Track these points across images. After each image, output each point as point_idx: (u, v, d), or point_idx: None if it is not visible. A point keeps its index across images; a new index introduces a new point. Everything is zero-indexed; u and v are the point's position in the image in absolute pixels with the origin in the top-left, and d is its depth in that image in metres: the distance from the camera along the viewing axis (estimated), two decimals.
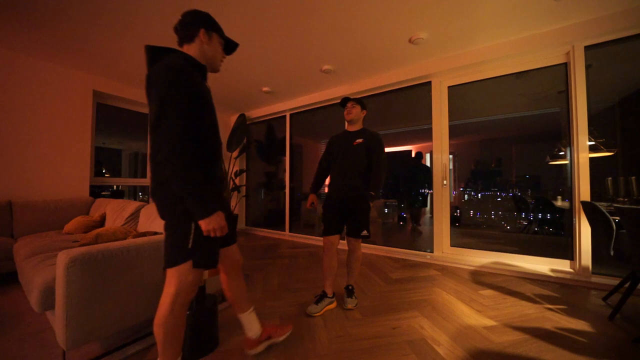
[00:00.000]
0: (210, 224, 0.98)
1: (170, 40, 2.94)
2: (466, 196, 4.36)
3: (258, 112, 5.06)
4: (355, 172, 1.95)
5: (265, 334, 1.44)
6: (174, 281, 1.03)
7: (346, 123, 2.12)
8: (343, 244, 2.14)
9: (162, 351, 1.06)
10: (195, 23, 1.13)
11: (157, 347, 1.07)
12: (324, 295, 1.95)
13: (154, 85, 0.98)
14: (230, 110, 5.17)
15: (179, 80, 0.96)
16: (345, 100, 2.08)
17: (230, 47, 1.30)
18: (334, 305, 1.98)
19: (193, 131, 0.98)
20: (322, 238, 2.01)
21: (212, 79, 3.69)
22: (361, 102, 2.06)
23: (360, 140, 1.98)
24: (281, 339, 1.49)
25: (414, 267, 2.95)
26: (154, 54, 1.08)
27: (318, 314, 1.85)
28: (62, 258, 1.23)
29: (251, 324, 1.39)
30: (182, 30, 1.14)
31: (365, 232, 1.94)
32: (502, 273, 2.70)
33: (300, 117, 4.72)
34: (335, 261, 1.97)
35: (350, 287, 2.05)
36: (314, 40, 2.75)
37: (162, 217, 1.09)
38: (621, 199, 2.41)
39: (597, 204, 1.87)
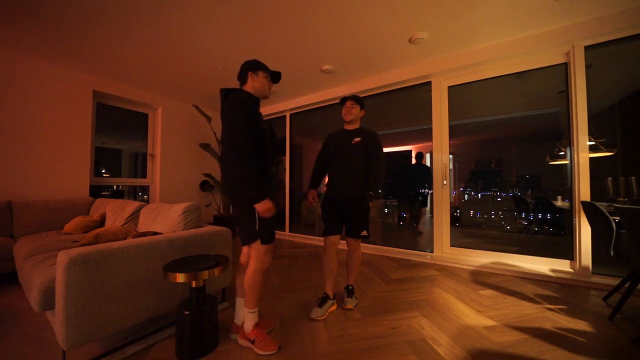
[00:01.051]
0: (261, 207, 1.38)
1: (169, 40, 2.93)
2: (466, 196, 4.37)
3: None
4: (354, 172, 1.93)
5: None
6: (253, 254, 1.48)
7: (344, 122, 2.08)
8: (342, 244, 2.13)
9: (247, 300, 1.49)
10: (245, 70, 1.57)
11: (245, 296, 1.50)
12: (326, 298, 1.92)
13: (227, 113, 1.43)
14: None
15: (242, 110, 1.41)
16: (344, 99, 2.04)
17: (276, 76, 1.68)
18: (335, 306, 1.96)
19: (252, 143, 1.39)
20: (322, 238, 1.99)
21: (212, 79, 3.70)
22: (361, 101, 2.04)
23: (358, 139, 1.95)
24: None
25: (414, 267, 2.94)
26: (226, 92, 1.53)
27: (322, 318, 1.81)
28: (62, 258, 1.23)
29: (241, 311, 1.59)
30: (240, 77, 1.60)
31: (364, 233, 1.93)
32: (502, 273, 2.70)
33: (300, 117, 4.72)
34: (334, 262, 1.95)
35: (350, 287, 2.04)
36: (314, 40, 2.75)
37: (234, 211, 1.55)
38: (621, 199, 2.41)
39: (597, 204, 1.87)
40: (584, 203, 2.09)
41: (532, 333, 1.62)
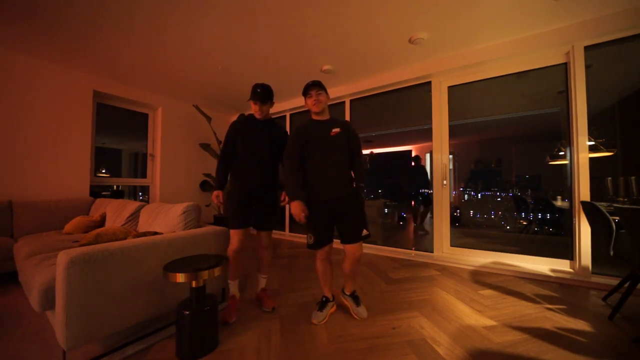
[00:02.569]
0: (213, 196, 1.89)
1: (169, 40, 2.93)
2: (466, 196, 4.37)
3: None
4: (340, 168, 1.74)
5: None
6: None
7: (312, 113, 1.81)
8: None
9: (228, 272, 1.88)
10: None
11: None
12: (326, 301, 1.86)
13: None
14: (231, 110, 5.17)
15: (226, 134, 1.94)
16: (308, 88, 1.74)
17: (252, 94, 1.88)
18: (334, 308, 1.91)
19: (228, 156, 1.91)
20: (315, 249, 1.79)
21: (212, 79, 3.70)
22: (325, 87, 1.79)
23: (337, 130, 1.73)
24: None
25: (414, 267, 2.94)
26: None
27: (324, 322, 1.78)
28: (62, 258, 1.23)
29: (259, 283, 2.05)
30: None
31: (365, 232, 1.73)
32: (502, 273, 2.70)
33: (301, 117, 4.72)
34: (330, 267, 1.86)
35: (355, 294, 1.89)
36: (314, 40, 2.75)
37: None
38: (621, 199, 2.41)
39: (597, 204, 1.87)
40: (583, 203, 2.09)
41: (532, 333, 1.62)
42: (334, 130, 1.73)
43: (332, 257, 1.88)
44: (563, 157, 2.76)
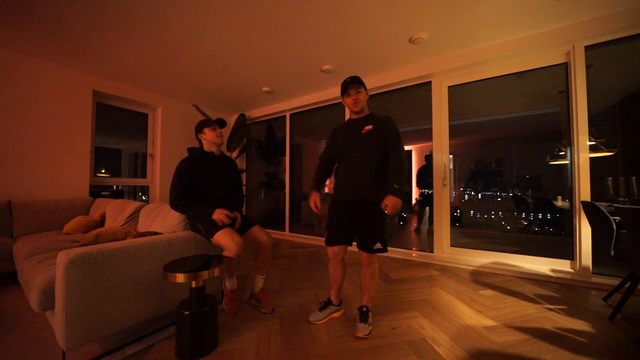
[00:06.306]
0: (217, 217, 1.74)
1: (169, 40, 2.92)
2: (466, 196, 4.36)
3: (258, 112, 5.06)
4: (366, 168, 1.62)
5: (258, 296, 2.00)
6: None
7: (350, 112, 1.77)
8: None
9: (227, 270, 1.84)
10: (195, 134, 1.99)
11: None
12: (328, 303, 1.84)
13: None
14: (230, 110, 5.17)
15: (176, 173, 1.84)
16: (346, 86, 1.65)
17: (220, 122, 1.98)
18: (340, 313, 1.86)
19: (184, 190, 1.82)
20: (322, 237, 1.92)
21: (212, 79, 3.70)
22: (364, 83, 1.69)
23: (370, 127, 1.63)
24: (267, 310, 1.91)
25: (414, 267, 2.94)
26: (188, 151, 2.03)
27: (320, 322, 1.77)
28: (62, 258, 1.23)
29: (257, 283, 2.00)
30: (197, 141, 2.01)
31: (378, 245, 1.60)
32: (502, 273, 2.70)
33: (300, 117, 4.72)
34: (340, 269, 1.80)
35: (364, 309, 1.68)
36: (314, 40, 2.75)
37: None
38: (621, 199, 2.41)
39: (598, 204, 1.87)
40: (584, 203, 2.09)
41: (532, 333, 1.62)
42: (366, 127, 1.65)
43: (344, 263, 1.82)
44: (563, 157, 2.76)
